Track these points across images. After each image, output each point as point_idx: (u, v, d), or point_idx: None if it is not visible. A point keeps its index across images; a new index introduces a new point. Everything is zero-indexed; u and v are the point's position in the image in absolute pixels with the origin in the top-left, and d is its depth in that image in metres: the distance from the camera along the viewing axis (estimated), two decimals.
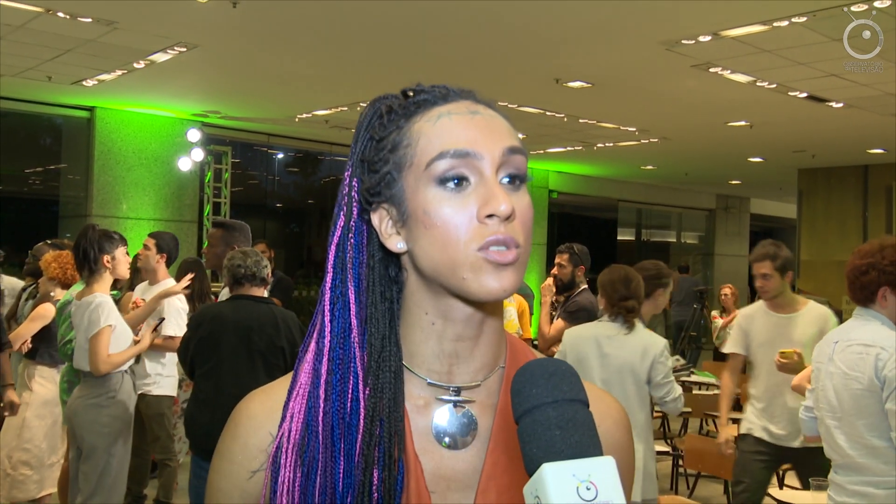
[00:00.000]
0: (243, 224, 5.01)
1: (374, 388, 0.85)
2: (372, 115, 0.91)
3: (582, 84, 7.83)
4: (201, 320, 3.74)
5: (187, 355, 3.75)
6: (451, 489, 0.85)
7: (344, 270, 0.88)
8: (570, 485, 0.65)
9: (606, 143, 11.42)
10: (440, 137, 0.84)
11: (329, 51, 6.97)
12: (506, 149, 0.85)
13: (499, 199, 0.81)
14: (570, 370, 0.75)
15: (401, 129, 0.87)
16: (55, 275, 4.74)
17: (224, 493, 0.91)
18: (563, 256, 5.07)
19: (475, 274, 0.81)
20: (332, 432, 0.83)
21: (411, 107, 0.88)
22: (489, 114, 0.88)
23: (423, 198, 0.83)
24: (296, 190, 15.26)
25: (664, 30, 6.04)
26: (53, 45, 6.85)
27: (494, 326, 0.90)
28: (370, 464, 0.81)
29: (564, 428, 0.69)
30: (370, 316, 0.87)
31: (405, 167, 0.85)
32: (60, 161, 11.12)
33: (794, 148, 11.33)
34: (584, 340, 3.61)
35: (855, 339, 2.82)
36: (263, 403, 0.91)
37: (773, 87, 7.60)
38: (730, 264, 18.62)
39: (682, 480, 6.23)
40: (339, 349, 0.86)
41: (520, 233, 0.84)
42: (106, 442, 3.93)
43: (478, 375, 0.90)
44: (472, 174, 0.83)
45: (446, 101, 0.88)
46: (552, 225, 14.98)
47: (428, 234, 0.83)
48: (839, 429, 2.81)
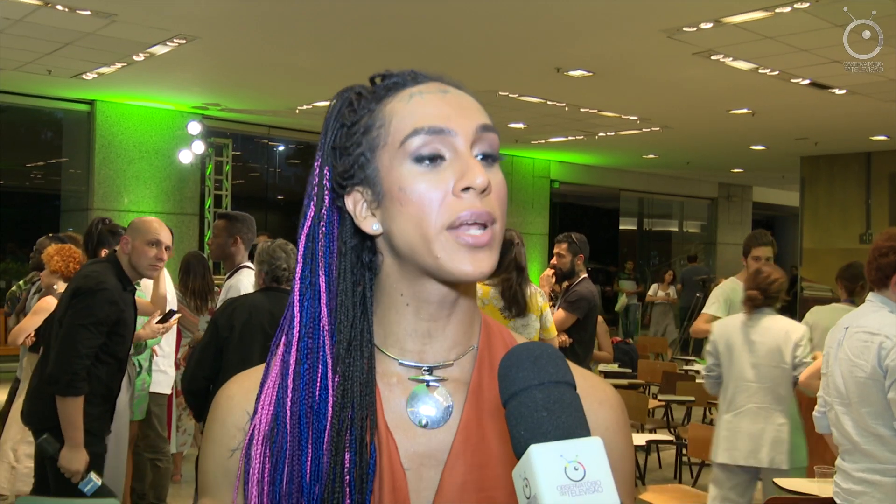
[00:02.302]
0: (247, 216, 4.99)
1: (344, 375, 0.85)
2: (341, 105, 0.91)
3: (583, 73, 7.80)
4: (234, 311, 3.64)
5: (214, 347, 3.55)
6: (424, 465, 0.86)
7: (314, 260, 0.88)
8: (558, 465, 0.65)
9: (608, 133, 11.40)
10: (413, 115, 0.85)
11: (329, 41, 6.95)
12: (479, 126, 0.86)
13: (474, 171, 0.82)
14: (556, 353, 0.75)
15: (372, 112, 0.88)
16: (57, 268, 4.72)
17: (209, 473, 0.93)
18: (562, 246, 5.04)
19: (448, 254, 0.82)
20: (299, 422, 0.84)
21: (381, 91, 0.89)
22: (459, 93, 0.89)
23: (397, 174, 0.84)
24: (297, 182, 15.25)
25: (665, 17, 6.01)
26: (53, 39, 6.83)
27: (467, 306, 0.91)
28: (341, 448, 0.82)
29: (551, 409, 0.69)
30: (340, 304, 0.87)
31: (379, 147, 0.86)
32: (61, 155, 11.12)
33: (796, 135, 11.30)
34: (732, 329, 3.94)
35: (862, 326, 2.80)
36: (241, 384, 0.93)
37: (776, 74, 7.57)
38: (732, 253, 18.59)
39: (685, 469, 6.24)
40: (308, 339, 0.86)
41: (496, 207, 0.84)
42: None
43: (450, 354, 0.90)
44: (447, 150, 0.84)
45: (416, 82, 0.89)
46: (554, 215, 14.96)
47: (403, 210, 0.83)
48: (847, 415, 2.81)
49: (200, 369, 3.56)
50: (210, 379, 3.57)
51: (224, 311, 3.63)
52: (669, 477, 6.24)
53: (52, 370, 3.13)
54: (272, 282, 3.69)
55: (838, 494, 2.84)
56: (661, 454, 6.78)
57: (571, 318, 4.81)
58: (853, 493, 2.77)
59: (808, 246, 13.45)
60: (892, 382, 2.64)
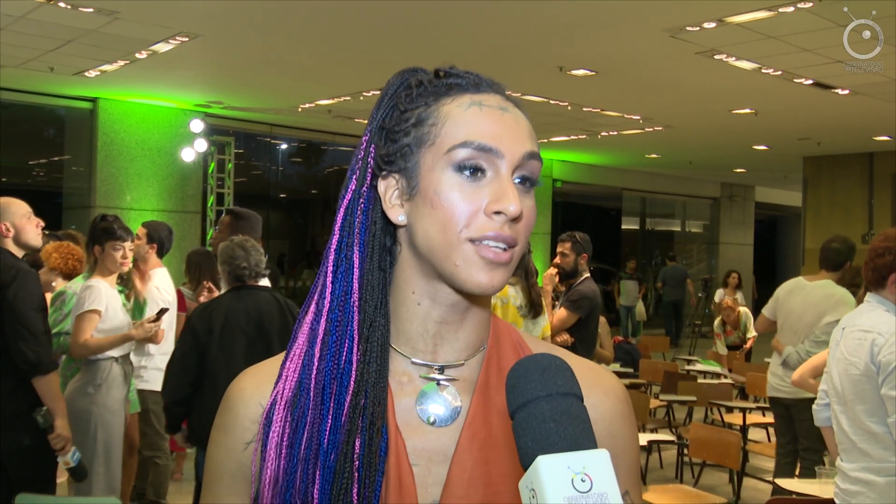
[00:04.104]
0: (253, 214, 4.97)
1: (364, 354, 0.86)
2: (399, 85, 0.91)
3: (586, 72, 7.79)
4: (211, 315, 3.66)
5: (196, 353, 3.60)
6: (432, 461, 0.87)
7: (351, 234, 0.89)
8: (565, 476, 0.65)
9: (610, 132, 11.39)
10: (468, 125, 0.85)
11: (331, 40, 6.94)
12: (526, 153, 0.86)
13: (510, 197, 0.83)
14: (564, 364, 0.75)
15: (428, 107, 0.88)
16: (56, 265, 4.73)
17: (221, 465, 0.93)
18: (566, 245, 5.03)
19: (467, 264, 0.83)
20: (323, 390, 0.85)
21: (442, 87, 0.89)
22: (517, 113, 0.89)
23: (437, 178, 0.85)
24: (299, 180, 15.25)
25: (668, 17, 6.00)
26: (55, 36, 6.83)
27: (479, 312, 0.92)
28: (353, 431, 0.83)
29: (558, 421, 0.69)
30: (368, 283, 0.89)
31: (425, 144, 0.86)
32: (64, 152, 11.12)
33: (799, 135, 11.29)
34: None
35: (858, 325, 2.84)
36: (253, 377, 0.94)
37: (779, 73, 7.56)
38: (734, 253, 18.58)
39: (686, 469, 6.23)
40: (339, 311, 0.87)
41: (522, 235, 0.86)
42: (91, 430, 3.91)
43: (462, 355, 0.91)
44: (490, 168, 0.84)
45: (478, 90, 0.89)
46: (556, 214, 14.95)
47: (433, 213, 0.84)
48: (844, 413, 2.83)
49: (187, 376, 3.57)
50: (195, 386, 3.58)
51: (200, 317, 3.64)
52: (671, 477, 6.24)
53: (28, 357, 3.20)
54: (235, 281, 3.71)
55: (837, 495, 2.86)
56: (662, 454, 6.77)
57: (573, 317, 4.81)
58: (850, 493, 2.78)
59: (810, 246, 13.43)
60: (885, 379, 2.65)
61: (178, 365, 3.61)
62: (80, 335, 3.91)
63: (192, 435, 3.68)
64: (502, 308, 4.04)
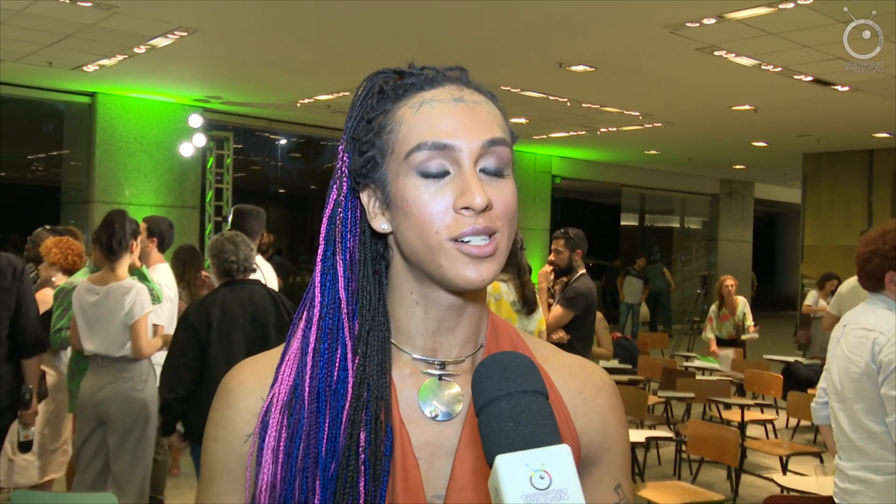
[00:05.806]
0: (257, 209, 4.94)
1: (364, 355, 0.87)
2: (367, 93, 0.91)
3: (585, 68, 7.78)
4: (208, 310, 3.66)
5: (196, 348, 3.59)
6: (436, 455, 0.88)
7: (334, 244, 0.90)
8: (524, 474, 0.65)
9: (610, 128, 11.38)
10: (420, 127, 0.84)
11: (330, 35, 6.93)
12: (486, 141, 0.84)
13: (473, 192, 0.81)
14: (526, 361, 0.75)
15: (387, 113, 0.87)
16: (56, 260, 4.72)
17: (220, 459, 0.92)
18: (559, 242, 5.01)
19: (452, 263, 0.83)
20: (317, 398, 0.85)
21: (399, 90, 0.88)
22: (474, 100, 0.87)
23: (402, 184, 0.85)
24: (298, 175, 15.25)
25: (668, 13, 5.99)
26: (53, 30, 6.81)
27: (476, 309, 0.93)
28: (357, 425, 0.84)
29: (517, 420, 0.69)
30: (362, 289, 0.90)
31: (388, 153, 0.86)
32: (62, 147, 11.12)
33: (798, 132, 11.28)
34: None
35: (859, 324, 2.84)
36: (253, 370, 0.94)
37: (779, 70, 7.55)
38: (733, 249, 18.59)
39: (685, 466, 6.24)
40: (329, 319, 0.88)
41: (499, 221, 0.84)
42: (142, 423, 4.01)
43: (461, 351, 0.92)
44: (451, 165, 0.84)
45: (432, 85, 0.87)
46: (555, 210, 14.95)
47: (407, 220, 0.85)
48: (843, 412, 2.83)
49: (188, 372, 3.58)
50: (196, 381, 3.59)
51: (197, 312, 3.65)
52: (669, 473, 6.24)
53: (34, 338, 3.68)
54: (224, 275, 3.72)
55: (837, 494, 2.86)
56: (660, 451, 6.77)
57: (569, 314, 4.79)
58: (849, 492, 2.78)
59: (809, 243, 13.44)
60: (886, 378, 2.65)
61: (180, 361, 3.60)
62: (147, 336, 4.02)
63: (193, 431, 3.67)
64: (496, 305, 4.03)
